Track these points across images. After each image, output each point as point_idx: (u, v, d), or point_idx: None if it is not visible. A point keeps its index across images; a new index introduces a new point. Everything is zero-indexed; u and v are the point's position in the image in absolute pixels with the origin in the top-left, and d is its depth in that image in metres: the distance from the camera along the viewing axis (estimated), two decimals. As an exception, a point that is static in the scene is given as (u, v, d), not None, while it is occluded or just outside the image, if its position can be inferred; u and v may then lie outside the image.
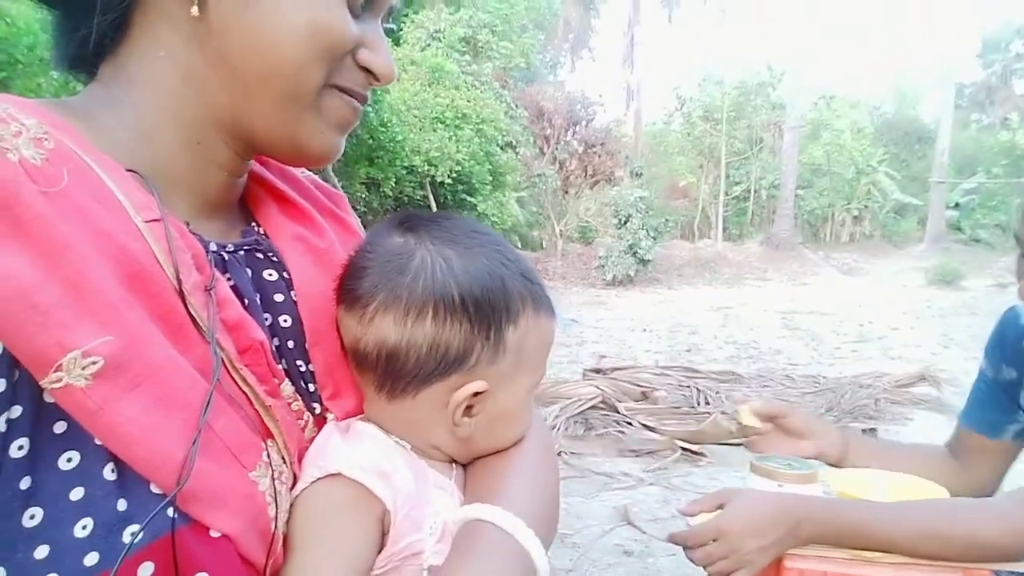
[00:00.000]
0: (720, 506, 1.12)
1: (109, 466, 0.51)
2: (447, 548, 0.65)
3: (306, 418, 0.68)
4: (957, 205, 25.12)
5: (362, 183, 13.01)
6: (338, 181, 11.09)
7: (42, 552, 0.48)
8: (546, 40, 23.74)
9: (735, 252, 21.03)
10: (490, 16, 16.98)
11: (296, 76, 0.63)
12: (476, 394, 0.70)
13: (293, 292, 0.70)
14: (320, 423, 0.70)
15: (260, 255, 0.70)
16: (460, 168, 13.86)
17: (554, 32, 24.42)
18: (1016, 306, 1.38)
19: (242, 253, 0.68)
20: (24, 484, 0.48)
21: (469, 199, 15.04)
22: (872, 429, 5.67)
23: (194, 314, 0.57)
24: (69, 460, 0.50)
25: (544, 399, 5.85)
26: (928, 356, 8.73)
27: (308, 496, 0.63)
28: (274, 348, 0.66)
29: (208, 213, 0.68)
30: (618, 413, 5.71)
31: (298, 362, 0.69)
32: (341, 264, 0.73)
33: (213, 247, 0.65)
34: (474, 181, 14.72)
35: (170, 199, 0.61)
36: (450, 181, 13.90)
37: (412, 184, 13.97)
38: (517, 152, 16.98)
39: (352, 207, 0.88)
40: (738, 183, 25.00)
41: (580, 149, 21.57)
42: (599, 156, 21.47)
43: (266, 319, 0.67)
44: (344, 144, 0.71)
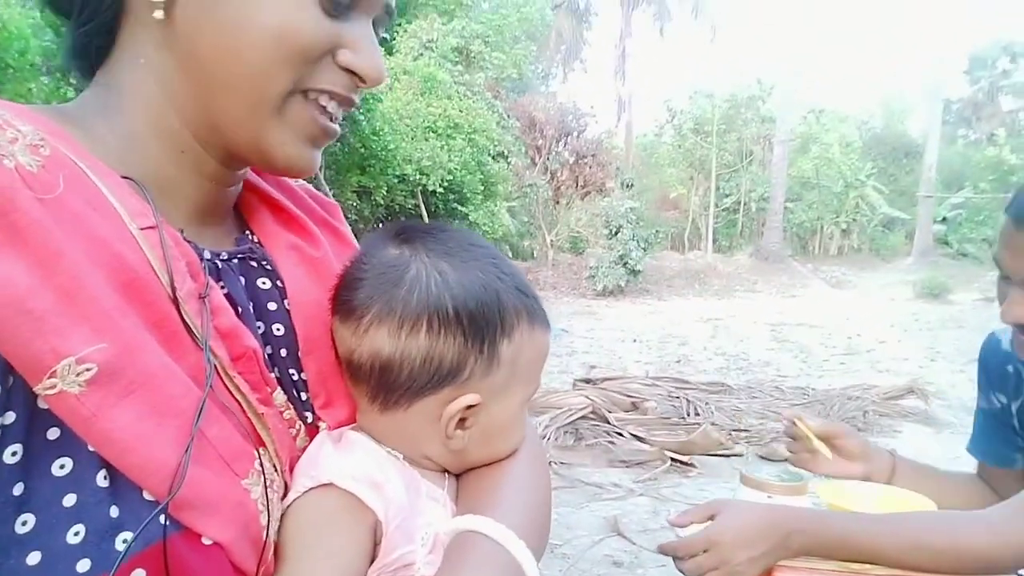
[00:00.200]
0: (710, 517, 1.11)
1: (102, 473, 0.51)
2: (439, 559, 0.65)
3: (298, 427, 0.68)
4: (944, 219, 25.33)
5: (353, 191, 12.99)
6: (329, 189, 11.07)
7: (34, 558, 0.48)
8: (538, 51, 23.82)
9: (725, 264, 21.11)
10: (483, 27, 17.05)
11: (260, 81, 0.60)
12: (469, 407, 0.70)
13: (286, 301, 0.70)
14: (312, 432, 0.69)
15: (254, 263, 0.70)
16: (452, 177, 13.86)
17: (546, 43, 24.54)
18: (996, 331, 1.39)
19: (236, 261, 0.68)
20: (17, 490, 0.48)
21: (460, 208, 15.04)
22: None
23: (188, 322, 0.57)
24: (62, 467, 0.50)
25: (534, 409, 5.84)
26: (916, 369, 8.78)
27: (300, 506, 0.63)
28: (267, 356, 0.66)
29: (202, 221, 0.68)
30: (608, 423, 5.70)
31: (291, 371, 0.69)
32: (334, 273, 0.73)
33: (207, 255, 0.65)
34: (465, 190, 14.72)
35: (164, 206, 0.61)
36: (441, 190, 13.90)
37: (404, 193, 13.96)
38: (509, 162, 16.99)
39: (343, 215, 0.88)
40: (728, 195, 25.13)
41: (571, 160, 21.62)
42: (590, 167, 21.52)
43: (259, 327, 0.67)
44: (319, 159, 0.68)
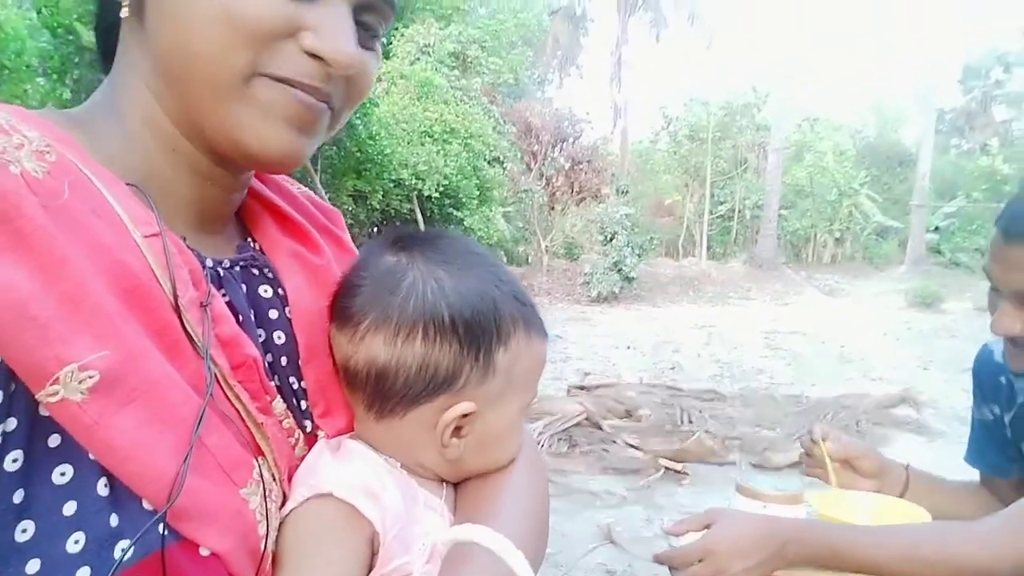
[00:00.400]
0: (706, 526, 1.12)
1: (102, 481, 0.51)
2: (436, 569, 0.65)
3: (296, 436, 0.68)
4: (937, 228, 25.41)
5: (349, 195, 13.00)
6: (325, 193, 11.06)
7: (33, 566, 0.48)
8: (535, 57, 23.86)
9: (719, 271, 21.13)
10: (480, 32, 17.09)
11: (214, 65, 0.58)
12: (465, 415, 0.70)
13: (288, 309, 0.70)
14: (310, 441, 0.69)
15: (256, 271, 0.70)
16: (447, 182, 13.88)
17: (543, 49, 24.55)
18: (989, 343, 1.40)
19: (238, 269, 0.68)
20: (17, 497, 0.48)
21: (456, 213, 15.05)
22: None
23: (189, 330, 0.56)
24: (63, 474, 0.50)
25: (528, 415, 5.82)
26: (908, 378, 8.81)
27: (298, 515, 0.62)
28: (267, 365, 0.66)
29: (205, 228, 0.68)
30: (602, 431, 5.71)
31: (290, 379, 0.69)
32: (336, 281, 0.73)
33: (209, 263, 0.65)
34: (461, 195, 14.74)
35: (167, 212, 0.61)
36: (437, 195, 13.91)
37: (399, 197, 13.96)
38: (504, 167, 17.01)
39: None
40: (723, 202, 25.17)
41: (567, 166, 21.65)
42: (585, 173, 21.56)
43: (260, 335, 0.67)
44: (307, 145, 0.63)
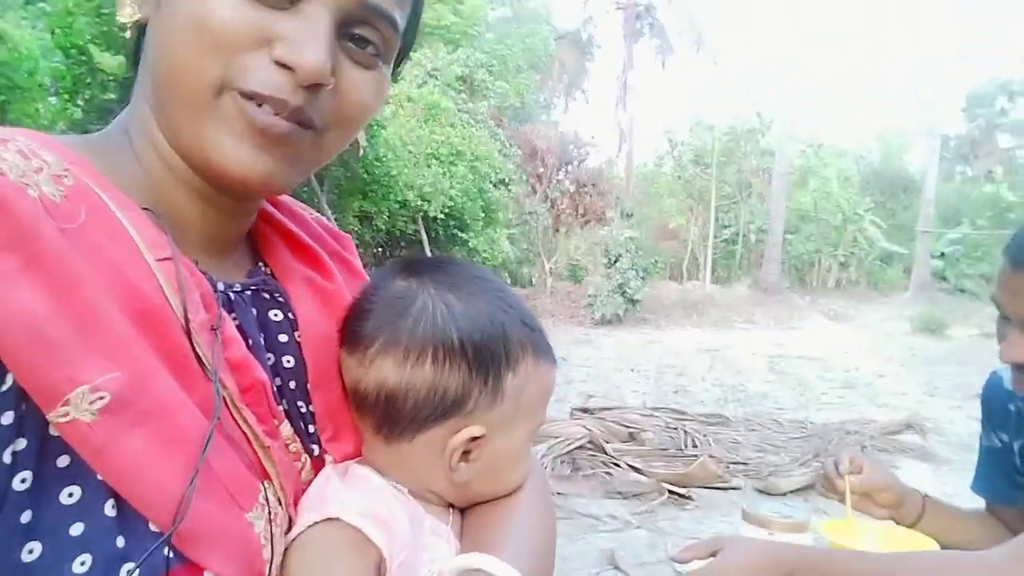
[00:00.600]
0: (712, 553, 1.11)
1: (110, 502, 0.51)
2: (441, 596, 0.64)
3: (303, 460, 0.67)
4: (942, 255, 25.39)
5: (355, 216, 13.07)
6: (332, 214, 11.11)
7: None
8: (541, 81, 24.10)
9: (723, 294, 21.11)
10: (487, 56, 17.29)
11: (185, 77, 0.57)
12: (474, 439, 0.70)
13: (297, 333, 0.71)
14: (317, 465, 0.69)
15: (267, 295, 0.70)
16: (453, 204, 13.96)
17: (549, 73, 24.79)
18: (997, 371, 1.40)
19: (248, 293, 0.69)
20: (25, 518, 0.48)
21: (461, 235, 15.11)
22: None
23: (199, 352, 0.57)
24: (71, 495, 0.50)
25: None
26: (913, 404, 8.75)
27: (305, 540, 0.62)
28: (275, 388, 0.66)
29: (216, 252, 0.68)
30: (605, 454, 5.67)
31: (299, 403, 0.69)
32: (347, 306, 0.73)
33: (220, 286, 0.65)
34: (466, 217, 14.81)
35: (179, 237, 0.62)
36: (442, 216, 13.99)
37: (405, 219, 14.05)
38: (510, 190, 17.10)
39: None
40: (727, 226, 25.21)
41: (572, 188, 21.75)
42: (590, 196, 21.63)
43: (269, 359, 0.67)
44: (280, 167, 0.60)
